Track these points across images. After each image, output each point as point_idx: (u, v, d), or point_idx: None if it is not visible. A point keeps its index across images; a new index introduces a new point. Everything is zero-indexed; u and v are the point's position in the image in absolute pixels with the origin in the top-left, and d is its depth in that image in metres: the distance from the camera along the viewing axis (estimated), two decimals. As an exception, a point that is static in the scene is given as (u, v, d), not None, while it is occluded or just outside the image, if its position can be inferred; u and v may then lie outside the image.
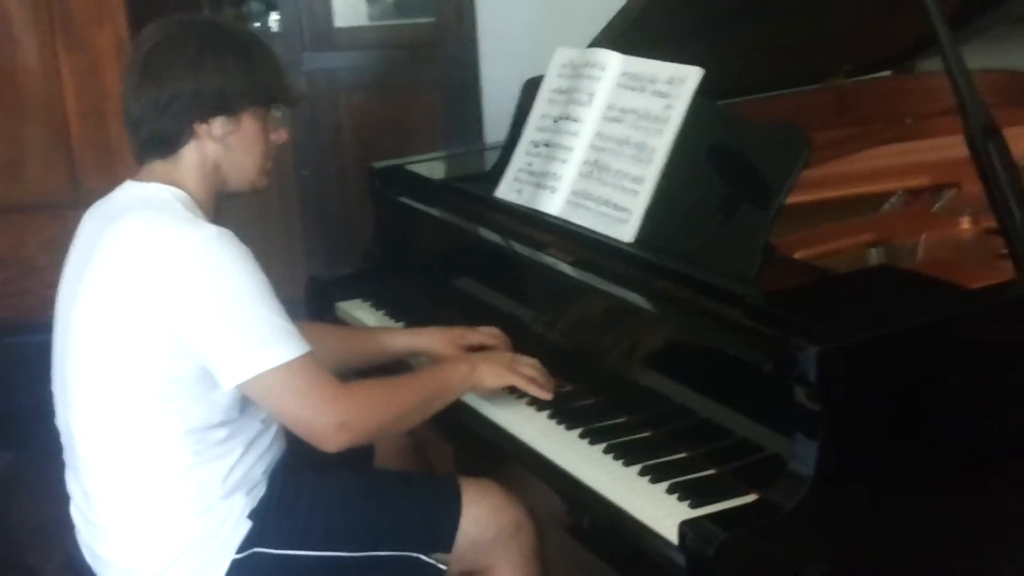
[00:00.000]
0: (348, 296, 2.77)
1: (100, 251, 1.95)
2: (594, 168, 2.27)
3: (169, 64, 1.95)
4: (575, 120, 2.33)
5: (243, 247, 1.92)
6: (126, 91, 2.00)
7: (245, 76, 1.98)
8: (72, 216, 2.12)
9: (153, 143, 2.00)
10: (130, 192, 2.02)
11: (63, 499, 2.12)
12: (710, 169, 2.09)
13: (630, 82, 2.26)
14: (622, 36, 2.46)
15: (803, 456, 1.69)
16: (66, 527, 2.13)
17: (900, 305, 1.84)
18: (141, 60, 1.98)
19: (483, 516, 2.08)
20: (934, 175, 2.54)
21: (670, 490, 1.81)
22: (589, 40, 2.50)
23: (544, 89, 2.45)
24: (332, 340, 2.28)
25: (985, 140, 1.94)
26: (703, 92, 2.14)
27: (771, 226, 1.95)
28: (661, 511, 1.77)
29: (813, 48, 2.91)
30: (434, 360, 2.31)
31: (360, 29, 4.56)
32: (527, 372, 2.13)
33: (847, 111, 3.08)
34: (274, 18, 4.69)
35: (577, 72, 2.38)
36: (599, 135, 2.28)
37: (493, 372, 2.12)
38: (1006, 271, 1.95)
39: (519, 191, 2.41)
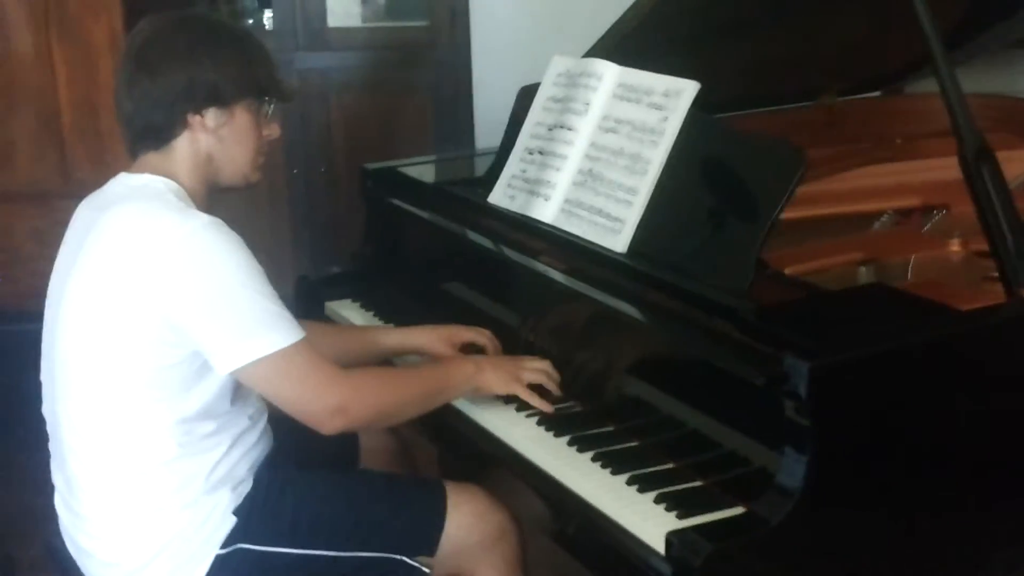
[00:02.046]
0: (337, 296, 2.77)
1: (92, 240, 1.95)
2: (588, 177, 2.27)
3: (163, 56, 1.96)
4: (570, 129, 2.34)
5: (235, 235, 1.92)
6: (119, 85, 2.01)
7: (238, 68, 2.00)
8: (62, 206, 2.12)
9: (146, 135, 2.00)
10: (123, 183, 2.02)
11: (44, 489, 2.12)
12: (705, 182, 2.10)
13: (626, 93, 2.27)
14: (617, 48, 2.46)
15: (791, 470, 1.70)
16: (47, 518, 2.13)
17: (892, 324, 1.85)
18: (135, 53, 1.99)
19: (467, 521, 2.09)
20: (924, 196, 2.56)
21: (657, 500, 1.82)
22: (582, 50, 2.51)
23: (540, 97, 2.46)
24: (324, 337, 2.27)
25: (978, 162, 1.96)
26: (698, 105, 2.15)
27: (764, 241, 1.96)
28: (648, 521, 1.77)
29: (806, 66, 2.93)
30: (428, 358, 2.31)
31: (353, 30, 4.57)
32: (534, 379, 2.12)
33: (838, 129, 3.10)
34: (267, 16, 4.69)
35: (573, 81, 2.39)
36: (593, 145, 2.29)
37: (499, 378, 2.12)
38: (996, 293, 1.96)
39: (512, 197, 2.42)
